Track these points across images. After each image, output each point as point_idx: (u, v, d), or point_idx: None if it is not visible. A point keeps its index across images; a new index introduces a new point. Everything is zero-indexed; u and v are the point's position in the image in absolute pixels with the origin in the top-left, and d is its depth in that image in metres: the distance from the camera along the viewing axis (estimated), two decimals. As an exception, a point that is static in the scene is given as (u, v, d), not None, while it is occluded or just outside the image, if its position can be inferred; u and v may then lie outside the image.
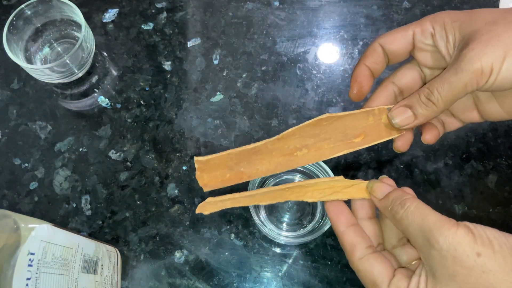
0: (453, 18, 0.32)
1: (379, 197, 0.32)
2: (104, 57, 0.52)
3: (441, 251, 0.26)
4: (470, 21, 0.31)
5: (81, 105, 0.50)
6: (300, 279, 0.43)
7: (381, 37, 0.35)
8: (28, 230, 0.29)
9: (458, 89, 0.30)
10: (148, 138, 0.48)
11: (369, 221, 0.33)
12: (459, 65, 0.29)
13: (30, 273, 0.29)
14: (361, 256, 0.31)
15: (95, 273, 0.37)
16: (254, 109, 0.50)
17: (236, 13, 0.54)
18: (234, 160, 0.33)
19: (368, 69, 0.35)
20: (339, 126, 0.34)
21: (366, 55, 0.36)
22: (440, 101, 0.31)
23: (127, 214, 0.46)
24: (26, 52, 0.49)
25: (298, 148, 0.34)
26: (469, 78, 0.29)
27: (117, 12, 0.54)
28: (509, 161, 0.47)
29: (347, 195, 0.33)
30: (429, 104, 0.31)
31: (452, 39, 0.32)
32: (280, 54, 0.52)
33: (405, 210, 0.29)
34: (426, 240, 0.27)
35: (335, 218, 0.33)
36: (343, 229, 0.32)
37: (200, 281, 0.43)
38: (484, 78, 0.29)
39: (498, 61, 0.28)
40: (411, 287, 0.28)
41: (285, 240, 0.41)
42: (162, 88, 0.51)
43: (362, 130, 0.34)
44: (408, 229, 0.29)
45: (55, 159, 0.48)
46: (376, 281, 0.30)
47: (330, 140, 0.34)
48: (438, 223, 0.27)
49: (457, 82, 0.29)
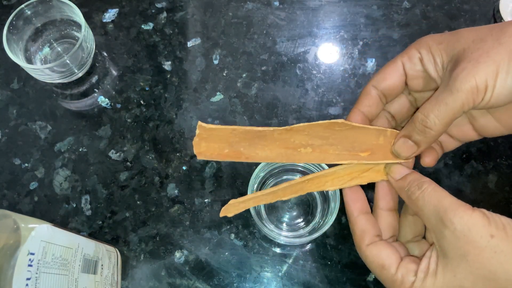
0: (437, 40, 0.32)
1: (396, 177, 0.33)
2: (104, 57, 0.52)
3: (454, 231, 0.27)
4: (455, 41, 0.31)
5: (81, 105, 0.50)
6: (300, 279, 0.43)
7: (373, 78, 0.35)
8: (28, 230, 0.29)
9: (455, 109, 0.29)
10: (148, 138, 0.48)
11: (388, 212, 0.34)
12: (453, 85, 0.29)
13: (30, 273, 0.29)
14: (370, 242, 0.32)
15: (95, 273, 0.37)
16: (254, 109, 0.50)
17: (236, 13, 0.54)
18: (237, 137, 0.32)
19: (362, 114, 0.35)
20: (350, 136, 0.34)
21: (360, 100, 0.35)
22: (438, 124, 0.30)
23: (127, 214, 0.46)
24: (26, 52, 0.49)
25: (303, 145, 0.34)
26: (465, 97, 0.29)
27: (117, 12, 0.54)
28: (509, 161, 0.47)
29: (366, 179, 0.34)
30: (426, 130, 0.31)
31: (439, 61, 0.32)
32: (280, 54, 0.52)
33: (422, 191, 0.30)
34: (440, 220, 0.28)
35: (351, 203, 0.34)
36: (356, 215, 0.33)
37: (200, 281, 0.43)
38: (480, 95, 0.29)
39: (492, 78, 0.28)
40: (421, 268, 0.29)
41: (285, 240, 0.41)
42: (162, 88, 0.51)
43: (370, 146, 0.34)
44: (422, 210, 0.29)
45: (55, 159, 0.48)
46: (385, 264, 0.30)
47: (336, 147, 0.34)
48: (454, 205, 0.28)
49: (454, 102, 0.29)
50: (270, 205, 0.45)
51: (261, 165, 0.41)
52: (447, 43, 0.31)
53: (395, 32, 0.53)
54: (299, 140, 0.33)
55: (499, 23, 0.31)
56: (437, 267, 0.28)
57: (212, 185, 0.46)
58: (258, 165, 0.41)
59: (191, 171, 0.47)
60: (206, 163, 0.47)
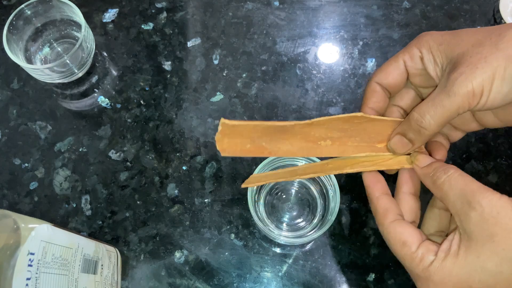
0: (438, 41, 0.33)
1: (422, 165, 0.33)
2: (104, 57, 0.52)
3: (482, 213, 0.27)
4: (455, 43, 0.32)
5: (81, 105, 0.50)
6: (300, 279, 0.43)
7: (375, 75, 0.36)
8: (28, 230, 0.29)
9: (451, 112, 0.30)
10: (148, 138, 0.48)
11: (410, 196, 0.35)
12: (450, 88, 0.30)
13: (30, 273, 0.29)
14: (393, 219, 0.32)
15: (95, 273, 0.37)
16: (254, 109, 0.50)
17: (236, 13, 0.54)
18: (259, 133, 0.32)
19: (373, 111, 0.37)
20: (367, 128, 0.35)
21: (367, 97, 0.37)
22: (433, 125, 0.31)
23: (127, 214, 0.46)
24: (26, 52, 0.49)
25: (323, 138, 0.34)
26: (461, 101, 0.30)
27: (117, 12, 0.54)
28: (509, 161, 0.47)
29: (387, 166, 0.35)
30: (421, 130, 0.32)
31: (439, 61, 0.33)
32: (280, 54, 0.52)
33: (449, 176, 0.30)
34: (467, 202, 0.28)
35: (371, 185, 0.35)
36: (378, 195, 0.34)
37: (200, 281, 0.43)
38: (475, 99, 0.30)
39: (488, 83, 0.29)
40: (443, 248, 0.29)
41: (285, 240, 0.41)
42: (162, 88, 0.51)
43: (386, 137, 0.35)
44: (448, 194, 0.30)
45: (55, 159, 0.48)
46: (406, 241, 0.31)
47: (355, 139, 0.35)
48: (482, 188, 0.28)
49: (450, 105, 0.30)
50: (270, 205, 0.45)
51: (261, 165, 0.41)
52: (447, 45, 0.32)
53: (395, 32, 0.53)
54: (319, 134, 0.34)
55: (499, 26, 0.31)
56: (459, 248, 0.29)
57: (212, 185, 0.46)
58: (258, 165, 0.41)
59: (191, 171, 0.47)
60: (206, 163, 0.47)
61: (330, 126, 0.34)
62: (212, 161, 0.47)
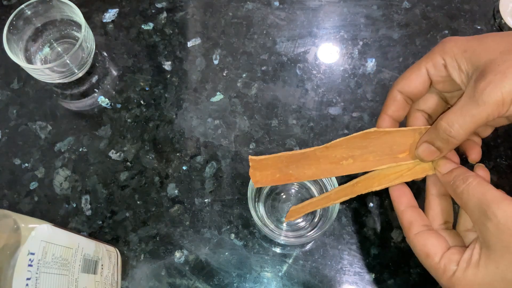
0: (462, 47, 0.32)
1: (443, 171, 0.34)
2: (104, 57, 0.52)
3: (498, 224, 0.28)
4: (481, 50, 0.31)
5: (81, 105, 0.50)
6: (300, 279, 0.43)
7: (397, 83, 0.36)
8: (28, 230, 0.29)
9: (480, 121, 0.30)
10: (148, 138, 0.48)
11: (441, 198, 0.35)
12: (479, 97, 0.30)
13: (30, 273, 0.29)
14: (417, 231, 0.33)
15: (95, 273, 0.37)
16: (254, 109, 0.50)
17: (236, 13, 0.54)
18: (284, 162, 0.35)
19: (390, 119, 0.37)
20: (387, 141, 0.35)
21: (387, 105, 0.37)
22: (462, 134, 0.31)
23: (127, 214, 0.46)
24: (26, 52, 0.49)
25: (344, 157, 0.36)
26: (491, 110, 0.30)
27: (117, 12, 0.54)
28: (509, 161, 0.47)
29: (412, 176, 0.35)
30: (450, 139, 0.32)
31: (465, 68, 0.32)
32: (280, 54, 0.52)
33: (467, 185, 0.31)
34: (483, 213, 0.29)
35: (397, 199, 0.36)
36: (403, 208, 0.35)
37: (200, 281, 0.43)
38: (505, 108, 0.30)
39: None
40: (464, 258, 0.30)
41: (285, 240, 0.41)
42: (162, 88, 0.51)
43: (407, 146, 0.35)
44: (467, 203, 0.30)
45: (55, 159, 0.48)
46: (430, 253, 0.31)
47: (376, 153, 0.35)
48: (497, 198, 0.29)
49: (479, 115, 0.30)
50: (270, 205, 0.45)
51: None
52: (473, 52, 0.32)
53: (395, 32, 0.53)
54: (340, 154, 0.36)
55: None
56: (480, 258, 0.29)
57: (212, 185, 0.46)
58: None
59: (191, 171, 0.47)
60: (206, 163, 0.47)
61: (349, 145, 0.35)
62: (212, 161, 0.47)
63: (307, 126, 0.49)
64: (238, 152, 0.48)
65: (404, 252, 0.44)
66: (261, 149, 0.48)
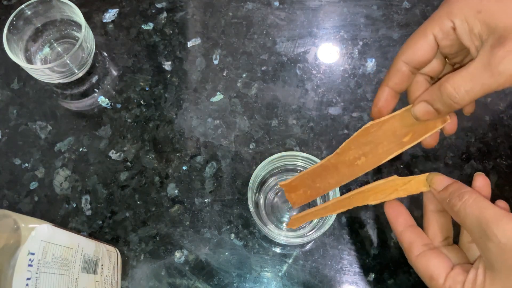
0: (475, 7, 0.29)
1: (438, 189, 0.32)
2: (104, 57, 0.52)
3: (499, 244, 0.26)
4: (500, 11, 0.28)
5: (81, 105, 0.50)
6: (300, 279, 0.43)
7: (402, 53, 0.33)
8: (28, 230, 0.29)
9: (490, 90, 0.28)
10: (148, 138, 0.48)
11: (439, 214, 0.34)
12: (496, 67, 0.27)
13: (30, 273, 0.29)
14: (418, 253, 0.32)
15: (95, 273, 0.37)
16: (254, 109, 0.50)
17: (236, 13, 0.54)
18: (310, 179, 0.37)
19: (391, 91, 0.34)
20: (388, 129, 0.35)
21: (390, 76, 0.34)
22: (467, 100, 0.29)
23: (127, 214, 0.46)
24: (26, 52, 0.49)
25: (356, 158, 0.36)
26: (505, 81, 0.27)
27: (117, 12, 0.54)
28: (509, 161, 0.47)
29: (407, 191, 0.35)
30: (452, 104, 0.30)
31: (478, 32, 0.29)
32: (280, 54, 0.52)
33: (463, 203, 0.29)
34: (483, 232, 0.27)
35: (393, 220, 0.34)
36: (401, 229, 0.33)
37: (200, 281, 0.43)
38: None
39: None
40: (469, 279, 0.29)
41: (285, 240, 0.41)
42: (162, 88, 0.51)
43: (409, 128, 0.34)
44: (465, 222, 0.29)
45: (55, 159, 0.48)
46: (433, 274, 0.30)
47: (383, 144, 0.35)
48: (496, 217, 0.27)
49: (490, 84, 0.28)
50: (270, 205, 0.45)
51: (261, 165, 0.41)
52: (489, 13, 0.28)
53: (395, 32, 0.53)
54: (352, 155, 0.36)
55: None
56: (485, 279, 0.28)
57: (212, 185, 0.46)
58: (258, 165, 0.41)
59: (191, 171, 0.47)
60: (206, 163, 0.47)
61: (356, 145, 0.35)
62: (212, 161, 0.47)
63: (307, 126, 0.49)
64: (238, 152, 0.48)
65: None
66: (261, 149, 0.48)
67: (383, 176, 0.46)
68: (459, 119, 0.35)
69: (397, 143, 0.35)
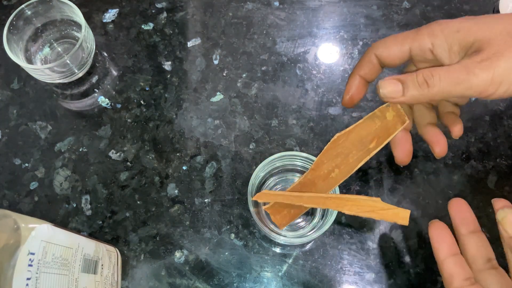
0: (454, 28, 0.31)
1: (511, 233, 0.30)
2: (104, 57, 0.52)
3: None
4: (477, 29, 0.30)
5: (81, 105, 0.50)
6: (300, 279, 0.43)
7: (376, 47, 0.35)
8: (28, 230, 0.29)
9: (461, 88, 0.30)
10: (148, 138, 0.49)
11: (474, 236, 0.33)
12: (472, 68, 0.29)
13: (30, 273, 0.29)
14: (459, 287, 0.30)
15: (95, 273, 0.37)
16: (254, 109, 0.50)
17: (236, 13, 0.54)
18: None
19: (361, 79, 0.37)
20: (355, 138, 0.36)
21: (361, 65, 0.36)
22: (438, 87, 0.30)
23: (127, 214, 0.46)
24: (26, 52, 0.49)
25: (331, 170, 0.38)
26: (477, 84, 0.29)
27: (117, 12, 0.54)
28: (509, 161, 0.47)
29: (382, 216, 0.35)
30: (423, 86, 0.31)
31: (457, 50, 0.31)
32: (280, 54, 0.52)
33: None
34: None
35: (437, 245, 0.32)
36: (443, 258, 0.32)
37: (200, 281, 0.43)
38: (491, 89, 0.29)
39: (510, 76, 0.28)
40: None
41: (285, 240, 0.41)
42: (162, 88, 0.51)
43: (374, 134, 0.36)
44: None
45: (55, 159, 0.48)
46: None
47: (352, 153, 0.37)
48: None
49: (464, 81, 0.29)
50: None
51: (261, 165, 0.41)
52: (467, 31, 0.31)
53: (395, 32, 0.53)
54: (326, 169, 0.38)
55: None
56: None
57: (212, 185, 0.46)
58: (258, 165, 0.41)
59: (191, 171, 0.47)
60: (206, 163, 0.47)
61: (328, 158, 0.37)
62: (212, 161, 0.47)
63: (307, 126, 0.49)
64: (238, 152, 0.48)
65: (404, 252, 0.44)
66: (261, 149, 0.48)
67: (384, 175, 0.46)
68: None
69: (365, 150, 0.37)
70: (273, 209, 0.40)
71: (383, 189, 0.46)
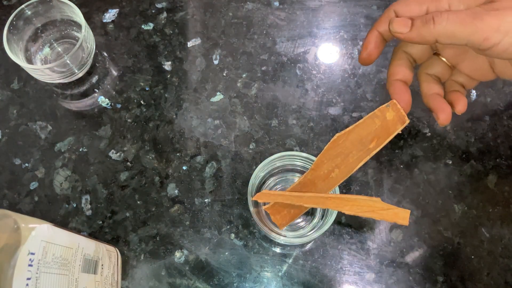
0: None
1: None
2: (104, 57, 0.52)
3: None
4: None
5: (81, 105, 0.50)
6: (300, 279, 0.43)
7: (397, 3, 0.36)
8: (28, 230, 0.29)
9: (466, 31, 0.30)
10: (148, 138, 0.49)
11: None
12: (480, 14, 0.30)
13: (30, 273, 0.29)
14: None
15: (95, 273, 0.37)
16: (254, 109, 0.50)
17: (236, 13, 0.54)
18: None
19: (380, 35, 0.37)
20: (355, 138, 0.37)
21: (381, 21, 0.37)
22: (442, 26, 0.31)
23: (127, 214, 0.46)
24: (26, 52, 0.49)
25: (330, 170, 0.38)
26: (482, 28, 0.30)
27: (117, 12, 0.54)
28: (509, 161, 0.47)
29: (381, 216, 0.36)
30: (430, 22, 0.32)
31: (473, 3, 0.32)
32: (280, 54, 0.52)
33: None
34: None
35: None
36: None
37: (200, 281, 0.43)
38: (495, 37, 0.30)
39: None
40: None
41: (285, 240, 0.41)
42: (162, 88, 0.51)
43: (374, 134, 0.36)
44: None
45: (55, 159, 0.48)
46: None
47: (352, 153, 0.37)
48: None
49: (471, 25, 0.30)
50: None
51: (261, 165, 0.41)
52: None
53: (395, 32, 0.53)
54: (326, 169, 0.38)
55: None
56: None
57: (212, 185, 0.46)
58: (258, 165, 0.41)
59: (191, 171, 0.47)
60: (206, 163, 0.47)
61: (328, 158, 0.37)
62: (212, 161, 0.47)
63: (307, 126, 0.49)
64: (238, 152, 0.48)
65: (404, 251, 0.44)
66: (261, 149, 0.48)
67: (384, 175, 0.46)
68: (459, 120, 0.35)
69: (365, 150, 0.37)
70: (273, 209, 0.40)
71: (383, 189, 0.46)
